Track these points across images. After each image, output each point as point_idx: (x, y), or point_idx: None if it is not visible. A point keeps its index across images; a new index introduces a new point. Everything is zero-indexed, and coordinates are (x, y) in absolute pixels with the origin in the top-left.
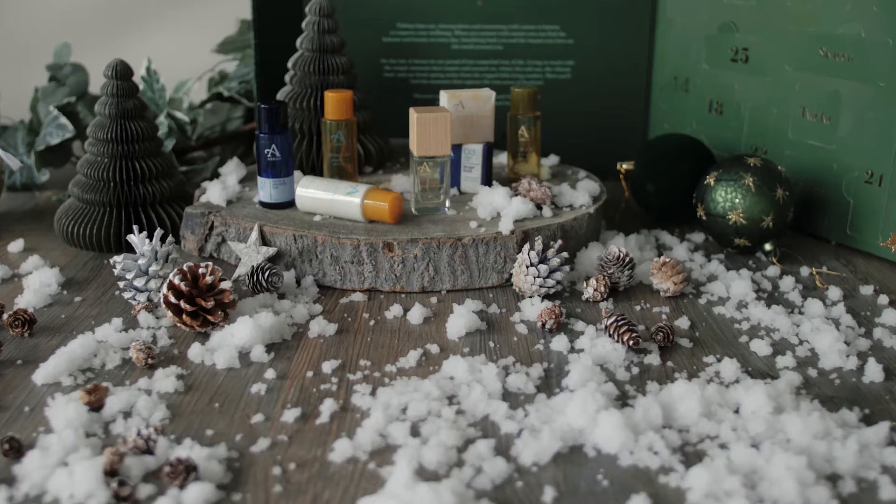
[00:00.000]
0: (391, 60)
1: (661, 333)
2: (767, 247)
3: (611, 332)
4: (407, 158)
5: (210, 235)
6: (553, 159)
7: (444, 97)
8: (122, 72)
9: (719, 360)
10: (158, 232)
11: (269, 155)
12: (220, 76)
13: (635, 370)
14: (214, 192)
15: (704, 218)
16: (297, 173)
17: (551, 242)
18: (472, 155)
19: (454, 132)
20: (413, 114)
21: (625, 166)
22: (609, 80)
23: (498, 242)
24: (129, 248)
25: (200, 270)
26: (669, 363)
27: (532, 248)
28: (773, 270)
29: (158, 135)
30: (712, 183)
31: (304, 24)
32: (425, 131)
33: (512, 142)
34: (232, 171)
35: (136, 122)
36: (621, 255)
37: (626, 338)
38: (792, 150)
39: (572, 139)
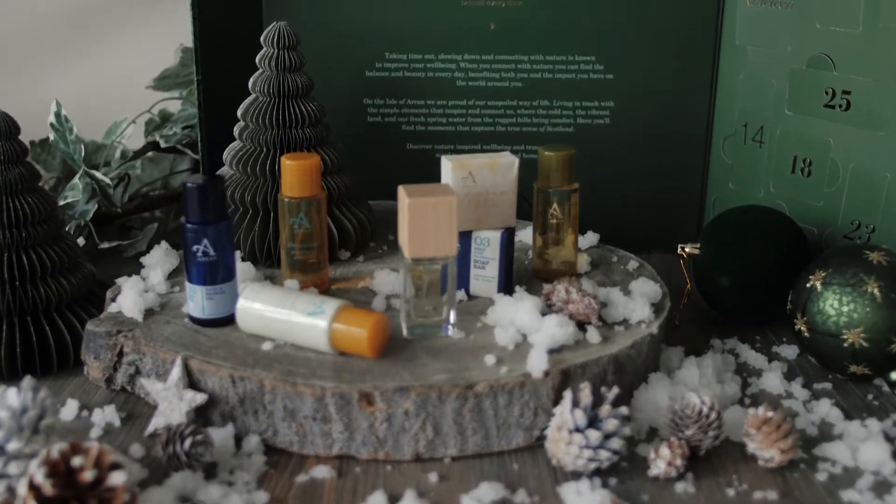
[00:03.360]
0: (377, 100)
1: None
2: (895, 376)
3: None
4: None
5: (120, 364)
6: (592, 237)
7: (448, 168)
8: (2, 128)
9: None
10: (26, 382)
11: (199, 253)
12: (160, 117)
13: None
14: (129, 298)
15: (807, 335)
16: (243, 267)
17: (603, 389)
18: (486, 246)
19: (462, 215)
20: (403, 197)
21: (687, 250)
22: (658, 126)
23: (526, 389)
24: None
25: (76, 462)
26: None
27: (577, 402)
28: None
29: (73, 202)
30: (819, 287)
31: (258, 59)
32: (421, 224)
33: (540, 221)
34: (157, 262)
35: (24, 197)
36: (705, 411)
37: None
38: None
39: (611, 202)
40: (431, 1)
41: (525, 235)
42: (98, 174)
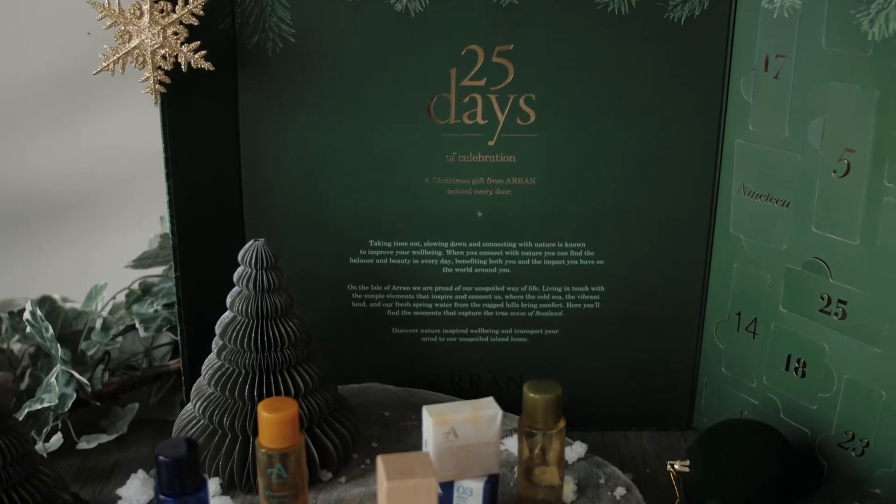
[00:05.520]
0: (362, 286)
1: None
2: None
3: None
4: (382, 442)
5: None
6: (579, 449)
7: (430, 423)
8: None
9: None
10: None
11: None
12: (141, 289)
13: None
14: None
15: None
16: (221, 503)
17: None
18: (469, 496)
19: (443, 466)
20: (382, 478)
21: (677, 467)
22: (650, 309)
23: None
24: None
25: None
26: None
27: None
28: None
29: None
30: None
31: (236, 277)
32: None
33: (524, 454)
34: (134, 494)
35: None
36: None
37: None
38: None
39: (601, 382)
40: (417, 189)
41: (511, 444)
42: (77, 374)
